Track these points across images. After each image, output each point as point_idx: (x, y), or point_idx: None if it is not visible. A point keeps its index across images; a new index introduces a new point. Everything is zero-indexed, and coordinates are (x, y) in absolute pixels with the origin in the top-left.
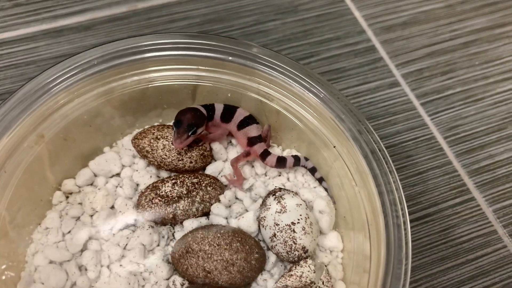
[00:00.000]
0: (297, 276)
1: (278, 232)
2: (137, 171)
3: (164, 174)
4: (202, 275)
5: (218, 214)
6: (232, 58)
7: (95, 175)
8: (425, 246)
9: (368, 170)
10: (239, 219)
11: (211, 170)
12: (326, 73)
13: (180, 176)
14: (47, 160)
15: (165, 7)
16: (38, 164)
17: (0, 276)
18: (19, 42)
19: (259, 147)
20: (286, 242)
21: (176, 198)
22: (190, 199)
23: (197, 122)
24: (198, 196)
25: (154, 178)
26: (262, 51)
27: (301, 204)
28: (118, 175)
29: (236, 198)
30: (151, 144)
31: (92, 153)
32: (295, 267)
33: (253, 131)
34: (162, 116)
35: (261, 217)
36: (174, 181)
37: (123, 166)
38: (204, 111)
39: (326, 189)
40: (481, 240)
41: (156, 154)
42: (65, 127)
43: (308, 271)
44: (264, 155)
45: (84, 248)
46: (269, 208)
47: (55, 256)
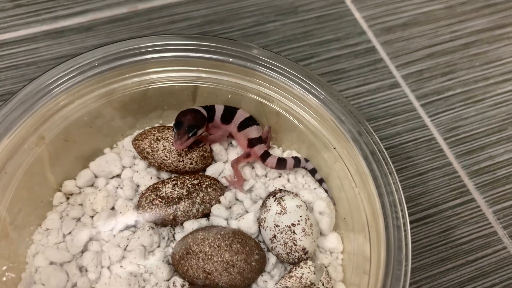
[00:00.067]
0: (297, 278)
1: (278, 233)
2: (137, 172)
3: (164, 175)
4: (203, 276)
5: (219, 215)
6: (233, 60)
7: (96, 176)
8: (425, 247)
9: (368, 172)
10: (239, 220)
11: (211, 171)
12: (326, 74)
13: (181, 177)
14: (47, 161)
15: (165, 8)
16: (38, 165)
17: (1, 277)
18: (19, 43)
19: (259, 149)
20: (286, 244)
21: (176, 199)
22: (190, 200)
23: (197, 124)
24: (198, 197)
25: (155, 179)
26: (262, 52)
27: (301, 206)
28: (118, 176)
29: (236, 199)
30: (152, 145)
31: (93, 154)
32: (295, 269)
33: (253, 132)
34: (163, 117)
35: (261, 218)
36: (174, 182)
37: (124, 167)
38: (204, 112)
39: (326, 190)
40: (481, 241)
41: (156, 155)
42: (65, 128)
43: (308, 273)
44: (265, 156)
45: (85, 249)
46: (269, 209)
47: (55, 257)
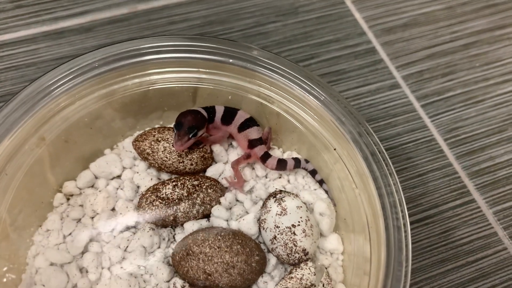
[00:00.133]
0: (297, 279)
1: (278, 234)
2: (137, 173)
3: (164, 176)
4: (203, 277)
5: (219, 216)
6: (233, 61)
7: (96, 177)
8: (425, 248)
9: (368, 173)
10: (239, 221)
11: (211, 172)
12: (326, 75)
13: (181, 178)
14: (48, 162)
15: (165, 9)
16: (39, 166)
17: (1, 278)
18: (19, 43)
19: (259, 150)
20: (286, 245)
21: (176, 200)
22: (190, 201)
23: (197, 125)
24: (198, 198)
25: (155, 180)
26: (262, 53)
27: (301, 207)
28: (119, 177)
29: (236, 200)
30: (152, 146)
31: (93, 155)
32: (296, 270)
33: (253, 133)
34: (163, 118)
35: (261, 219)
36: (174, 183)
37: (124, 168)
38: (204, 113)
39: (327, 191)
40: (481, 242)
41: (156, 156)
42: (66, 129)
43: (309, 274)
44: (265, 157)
45: (85, 250)
46: (269, 210)
47: (56, 258)
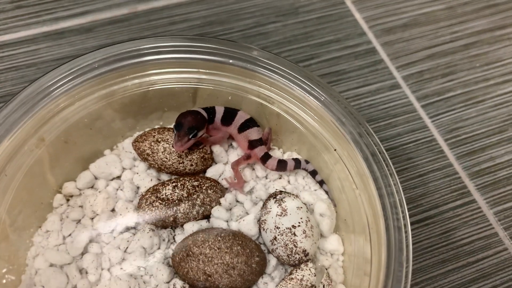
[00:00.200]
0: (297, 280)
1: (278, 235)
2: (137, 174)
3: (164, 177)
4: (203, 278)
5: (219, 217)
6: (233, 61)
7: (96, 178)
8: (425, 248)
9: (368, 173)
10: (239, 222)
11: (211, 173)
12: (326, 75)
13: (181, 179)
14: (47, 163)
15: (165, 9)
16: (38, 167)
17: (1, 279)
18: (20, 44)
19: (259, 150)
20: (286, 245)
21: (176, 201)
22: (190, 202)
23: (197, 125)
24: (198, 199)
25: (155, 181)
26: (262, 54)
27: (301, 207)
28: (118, 178)
29: (236, 201)
30: (152, 147)
31: (93, 156)
32: (296, 271)
33: (253, 134)
34: (163, 119)
35: (261, 220)
36: (174, 184)
37: (124, 169)
38: (204, 114)
39: (327, 192)
40: (482, 242)
41: (156, 157)
42: (65, 130)
43: (309, 275)
44: (265, 158)
45: (85, 251)
46: (269, 211)
47: (55, 259)
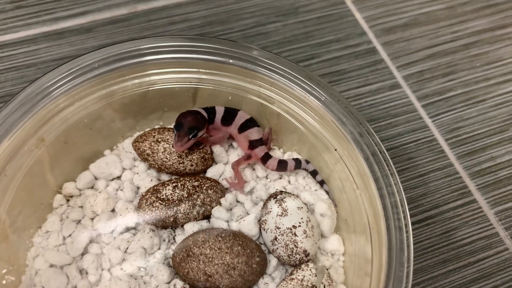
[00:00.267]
0: (298, 280)
1: (279, 235)
2: (137, 174)
3: (164, 177)
4: (203, 279)
5: (219, 217)
6: (233, 61)
7: (96, 178)
8: (426, 248)
9: (369, 173)
10: (240, 222)
11: (212, 173)
12: (326, 75)
13: (181, 179)
14: (47, 163)
15: (165, 9)
16: (38, 168)
17: (1, 280)
18: (20, 44)
19: (260, 150)
20: (287, 246)
21: (177, 201)
22: (191, 202)
23: (198, 125)
24: (199, 199)
25: (155, 181)
26: (262, 53)
27: (302, 207)
28: (118, 178)
29: (237, 201)
30: (152, 147)
31: (93, 156)
32: (297, 271)
33: (254, 134)
34: (163, 119)
35: (262, 220)
36: (175, 184)
37: (124, 169)
38: (205, 114)
39: (327, 192)
40: (482, 242)
41: (156, 157)
42: (65, 130)
43: (310, 275)
44: (265, 158)
45: (85, 252)
46: (270, 211)
47: (55, 259)
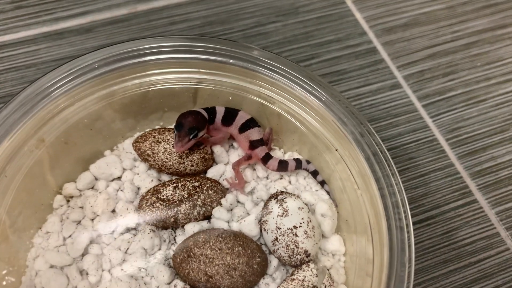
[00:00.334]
0: (299, 280)
1: (280, 236)
2: (138, 174)
3: (165, 178)
4: (204, 279)
5: (220, 218)
6: (233, 61)
7: (96, 179)
8: (427, 249)
9: (370, 173)
10: (240, 222)
11: (212, 173)
12: (327, 75)
13: (181, 179)
14: (47, 164)
15: (165, 9)
16: (38, 168)
17: (1, 281)
18: (20, 44)
19: (260, 151)
20: (288, 246)
21: (177, 202)
22: (191, 203)
23: (198, 126)
24: (199, 200)
25: (155, 181)
26: (263, 53)
27: (303, 208)
28: (119, 178)
29: (237, 201)
30: (152, 148)
31: (93, 156)
32: (297, 271)
33: (254, 134)
34: (163, 119)
35: (262, 220)
36: (175, 184)
37: (124, 169)
38: (205, 114)
39: (328, 192)
40: (483, 242)
41: (157, 158)
42: (65, 131)
43: (311, 275)
44: (266, 158)
45: (85, 252)
46: (270, 211)
47: (56, 260)
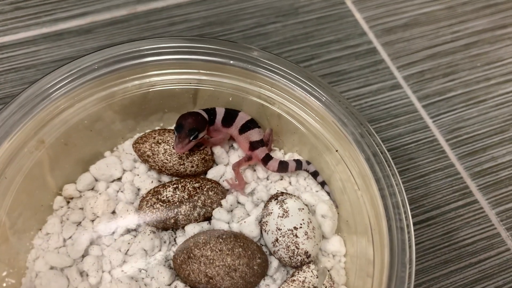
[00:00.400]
0: (300, 281)
1: (280, 237)
2: (138, 175)
3: (165, 179)
4: (204, 280)
5: (220, 219)
6: (233, 62)
7: (96, 180)
8: (428, 249)
9: (370, 174)
10: (241, 223)
11: (212, 174)
12: (327, 75)
13: (182, 180)
14: (47, 165)
15: (165, 10)
16: (38, 169)
17: (1, 283)
18: (19, 45)
19: (261, 152)
20: (288, 247)
21: (177, 203)
22: (191, 204)
23: (198, 127)
24: (199, 201)
25: (156, 182)
26: (262, 54)
27: (303, 208)
28: (119, 179)
29: (238, 202)
30: (152, 149)
31: (93, 157)
32: (298, 272)
33: (254, 135)
34: (163, 120)
35: (263, 221)
36: (175, 185)
37: (124, 170)
38: (205, 115)
39: (329, 193)
40: (484, 243)
41: (157, 159)
42: (65, 132)
43: (311, 276)
44: (266, 159)
45: (85, 254)
46: (271, 212)
47: (56, 261)
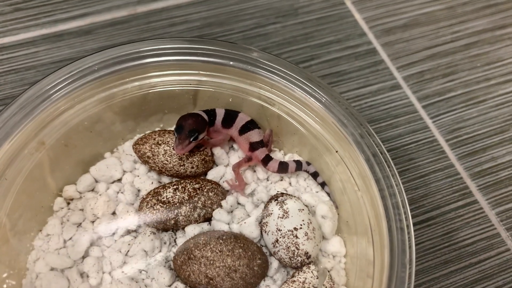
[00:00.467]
0: (300, 282)
1: (280, 237)
2: (138, 176)
3: (165, 180)
4: (205, 281)
5: (220, 220)
6: (233, 63)
7: (96, 181)
8: (428, 249)
9: (370, 175)
10: (241, 224)
11: (212, 175)
12: (326, 76)
13: (182, 181)
14: (48, 167)
15: (164, 11)
16: (39, 171)
17: (1, 284)
18: (19, 47)
19: (260, 152)
20: (288, 248)
21: (177, 204)
22: (191, 205)
23: (198, 128)
24: (199, 202)
25: (156, 183)
26: (262, 55)
27: (303, 209)
28: (119, 180)
29: (238, 203)
30: (152, 150)
31: (93, 159)
32: (298, 273)
33: (254, 136)
34: (163, 121)
35: (263, 222)
36: (175, 186)
37: (124, 171)
38: (205, 116)
39: (329, 193)
40: (484, 243)
41: (157, 160)
42: (66, 133)
43: (311, 277)
44: (266, 160)
45: (86, 255)
46: (271, 213)
47: (56, 263)
